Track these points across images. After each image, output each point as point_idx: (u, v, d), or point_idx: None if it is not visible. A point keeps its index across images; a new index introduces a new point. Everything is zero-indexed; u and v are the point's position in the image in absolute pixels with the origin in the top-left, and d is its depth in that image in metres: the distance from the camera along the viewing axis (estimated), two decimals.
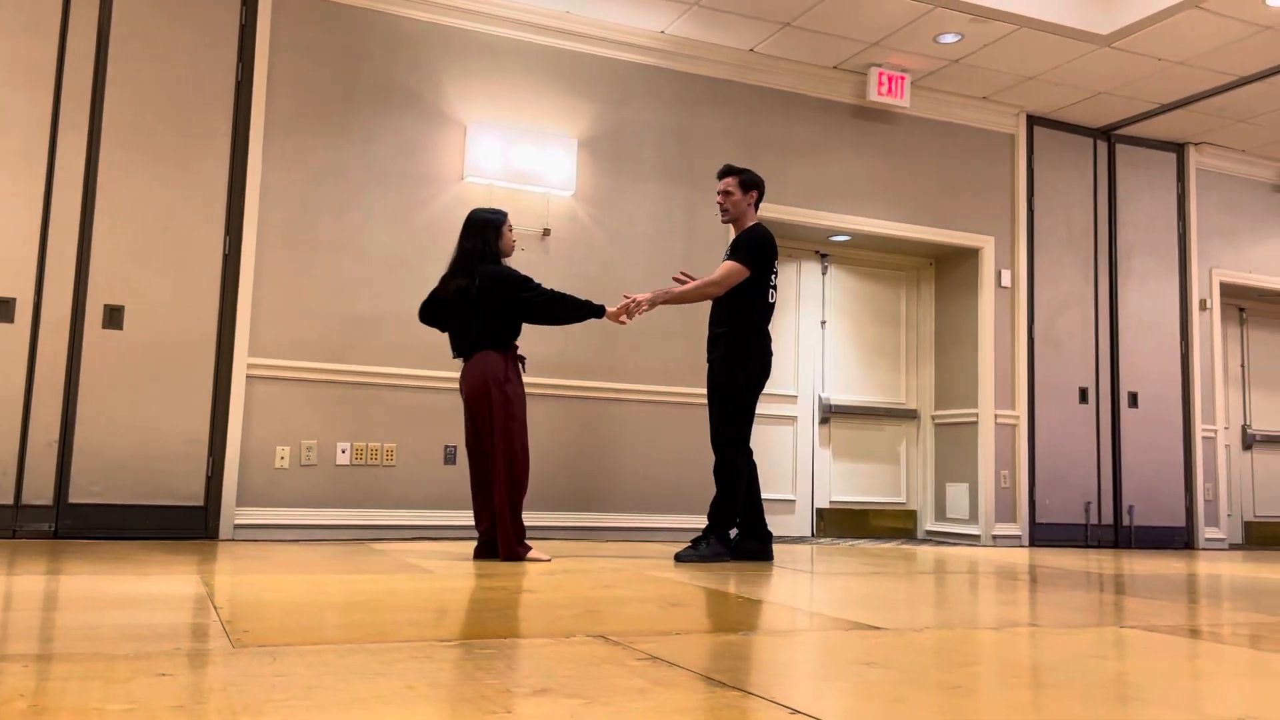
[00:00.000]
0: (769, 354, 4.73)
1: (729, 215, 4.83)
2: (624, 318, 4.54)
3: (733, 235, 4.96)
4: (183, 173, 5.15)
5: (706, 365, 4.82)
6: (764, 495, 4.98)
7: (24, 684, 1.67)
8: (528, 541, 4.36)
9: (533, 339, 5.74)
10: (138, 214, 5.05)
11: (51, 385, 4.85)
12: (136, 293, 5.02)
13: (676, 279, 4.77)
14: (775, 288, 4.76)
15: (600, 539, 5.70)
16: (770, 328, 4.79)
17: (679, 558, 4.52)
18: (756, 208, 4.87)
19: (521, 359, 4.47)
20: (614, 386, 5.91)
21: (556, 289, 4.49)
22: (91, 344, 4.92)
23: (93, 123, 5.01)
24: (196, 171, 5.18)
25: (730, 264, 4.67)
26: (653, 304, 4.60)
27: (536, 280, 4.44)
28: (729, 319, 4.70)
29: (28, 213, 4.88)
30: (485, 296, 4.30)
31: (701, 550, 4.55)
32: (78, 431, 4.86)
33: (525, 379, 4.53)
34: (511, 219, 5.74)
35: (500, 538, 4.28)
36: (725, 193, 4.80)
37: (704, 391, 4.83)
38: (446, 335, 5.58)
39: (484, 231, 4.39)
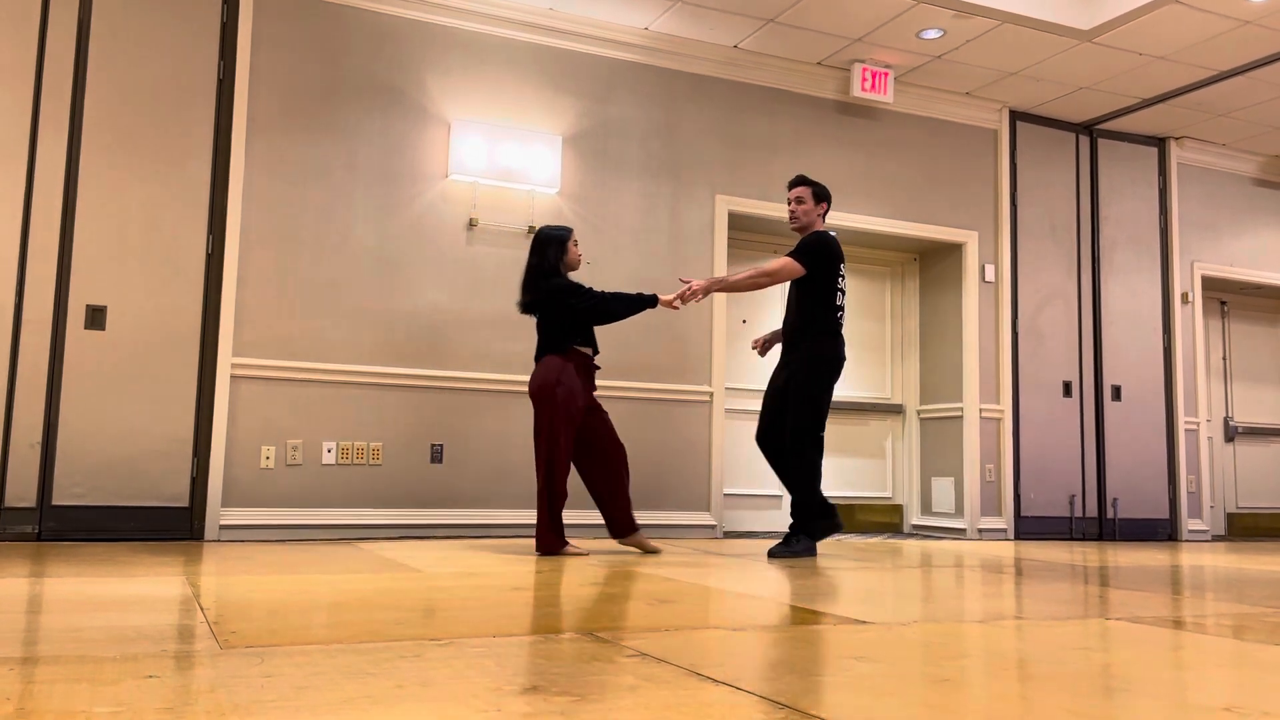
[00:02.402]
0: (843, 358, 4.89)
1: (799, 222, 4.97)
2: (677, 303, 4.75)
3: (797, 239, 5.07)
4: (165, 171, 5.12)
5: (779, 366, 4.98)
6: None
7: (10, 687, 1.66)
8: (568, 538, 4.66)
9: (529, 336, 5.74)
10: (119, 213, 5.02)
11: (33, 386, 4.81)
12: (119, 293, 4.99)
13: (683, 280, 4.85)
14: (844, 291, 4.91)
15: (589, 535, 5.69)
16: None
17: (772, 554, 4.70)
18: (824, 219, 5.02)
19: (594, 366, 4.75)
20: (603, 384, 5.90)
21: (609, 291, 4.78)
22: (74, 344, 4.89)
23: (73, 121, 4.97)
24: (178, 170, 5.15)
25: (784, 259, 4.82)
26: (706, 291, 4.76)
27: (589, 287, 4.69)
28: (804, 324, 4.85)
29: (8, 212, 4.84)
30: (543, 308, 4.66)
31: (794, 547, 4.72)
32: (60, 433, 4.83)
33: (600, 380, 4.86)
34: (495, 216, 5.77)
35: (537, 530, 4.58)
36: (798, 200, 4.95)
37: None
38: (432, 334, 5.61)
39: (546, 248, 4.72)
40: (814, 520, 4.77)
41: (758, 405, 6.99)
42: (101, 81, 5.04)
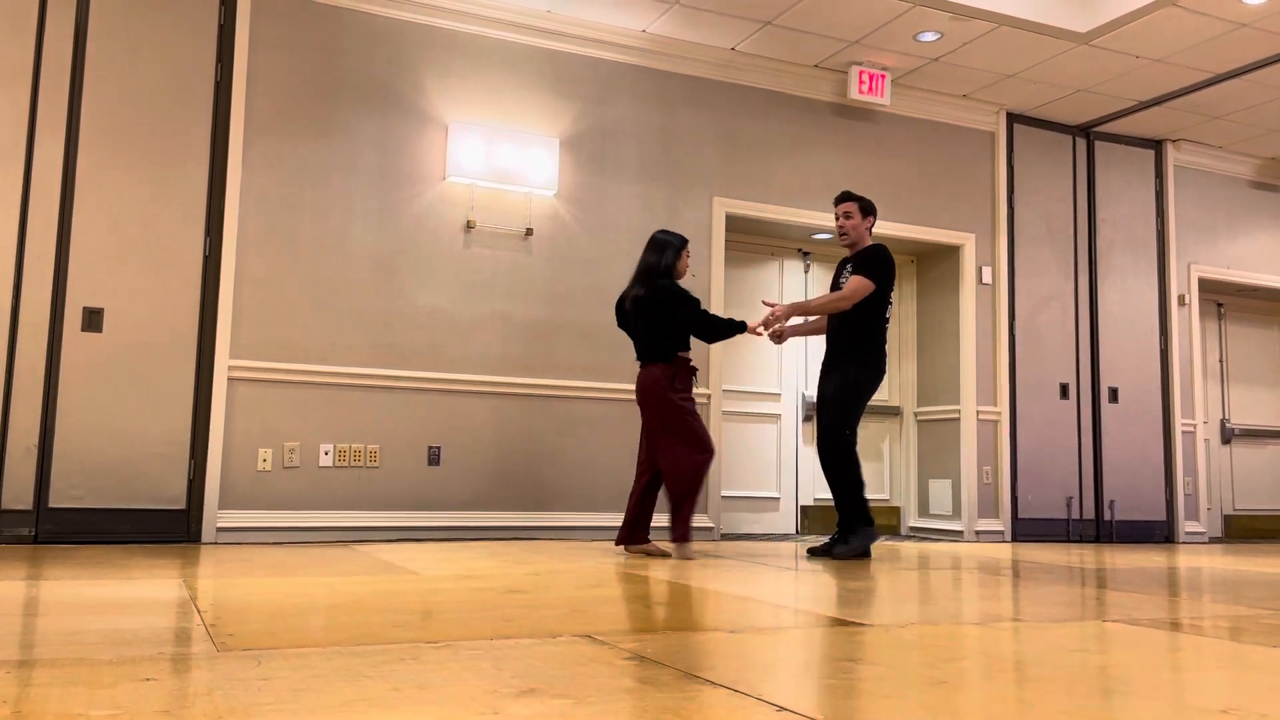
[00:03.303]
0: (883, 371, 4.96)
1: (849, 238, 5.03)
2: (760, 330, 4.88)
3: (849, 254, 5.10)
4: (162, 173, 5.12)
5: (820, 375, 5.04)
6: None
7: (6, 690, 1.66)
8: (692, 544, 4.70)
9: (527, 338, 5.73)
10: (117, 215, 5.01)
11: (30, 389, 4.80)
12: (116, 295, 4.98)
13: (767, 303, 4.97)
14: (892, 303, 5.00)
15: (587, 538, 5.69)
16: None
17: (835, 555, 4.79)
18: (871, 232, 5.08)
19: (694, 370, 4.80)
20: (605, 386, 5.91)
21: (711, 312, 4.94)
22: (71, 347, 4.88)
23: (70, 123, 4.97)
24: (176, 171, 5.14)
25: (857, 278, 4.86)
26: (788, 315, 4.88)
27: (697, 298, 4.76)
28: (854, 336, 4.89)
29: (4, 214, 4.84)
30: (653, 308, 4.68)
31: (853, 544, 4.81)
32: (57, 435, 4.82)
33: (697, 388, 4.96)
34: (493, 219, 5.76)
35: (671, 524, 4.63)
36: (846, 215, 5.01)
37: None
38: (430, 337, 5.60)
39: (664, 250, 4.76)
40: (862, 510, 4.86)
41: (755, 407, 7.04)
42: (99, 83, 5.04)
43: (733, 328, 4.78)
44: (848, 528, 4.86)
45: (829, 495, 7.00)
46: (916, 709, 1.67)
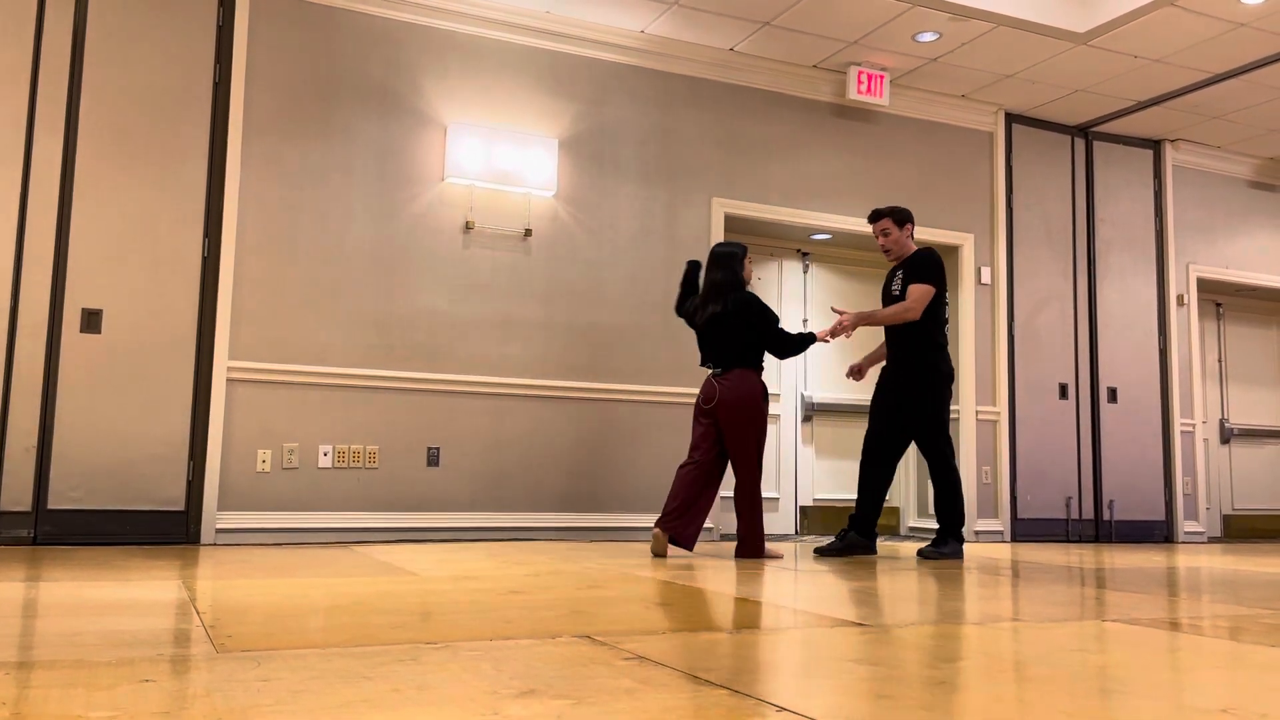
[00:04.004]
0: (952, 371, 5.05)
1: (894, 253, 5.13)
2: (829, 337, 5.00)
3: (892, 265, 5.21)
4: (161, 174, 5.12)
5: (878, 382, 5.13)
6: None
7: (5, 692, 1.65)
8: (767, 545, 4.88)
9: (526, 339, 5.73)
10: (115, 216, 5.01)
11: (29, 390, 4.80)
12: (115, 296, 4.98)
13: (836, 310, 5.07)
14: (948, 303, 5.09)
15: (587, 539, 5.69)
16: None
17: (921, 554, 4.99)
18: (912, 237, 5.17)
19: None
20: (606, 386, 5.91)
21: (790, 331, 4.95)
22: (69, 348, 4.88)
23: (69, 124, 4.97)
24: (174, 173, 5.14)
25: (918, 286, 4.93)
26: (856, 325, 4.96)
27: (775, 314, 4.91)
28: (915, 341, 4.97)
29: (3, 216, 4.83)
30: (739, 319, 4.77)
31: (944, 549, 4.95)
32: (56, 437, 4.82)
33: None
34: (492, 220, 5.76)
35: (742, 537, 4.79)
36: (884, 233, 5.12)
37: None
38: (429, 338, 5.59)
39: (731, 263, 4.87)
40: (960, 522, 5.00)
41: None
42: (97, 85, 5.03)
43: (806, 342, 4.92)
44: (949, 532, 5.01)
45: (830, 496, 7.05)
46: (916, 709, 1.67)
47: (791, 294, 7.13)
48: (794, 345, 4.89)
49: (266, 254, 5.27)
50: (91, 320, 4.93)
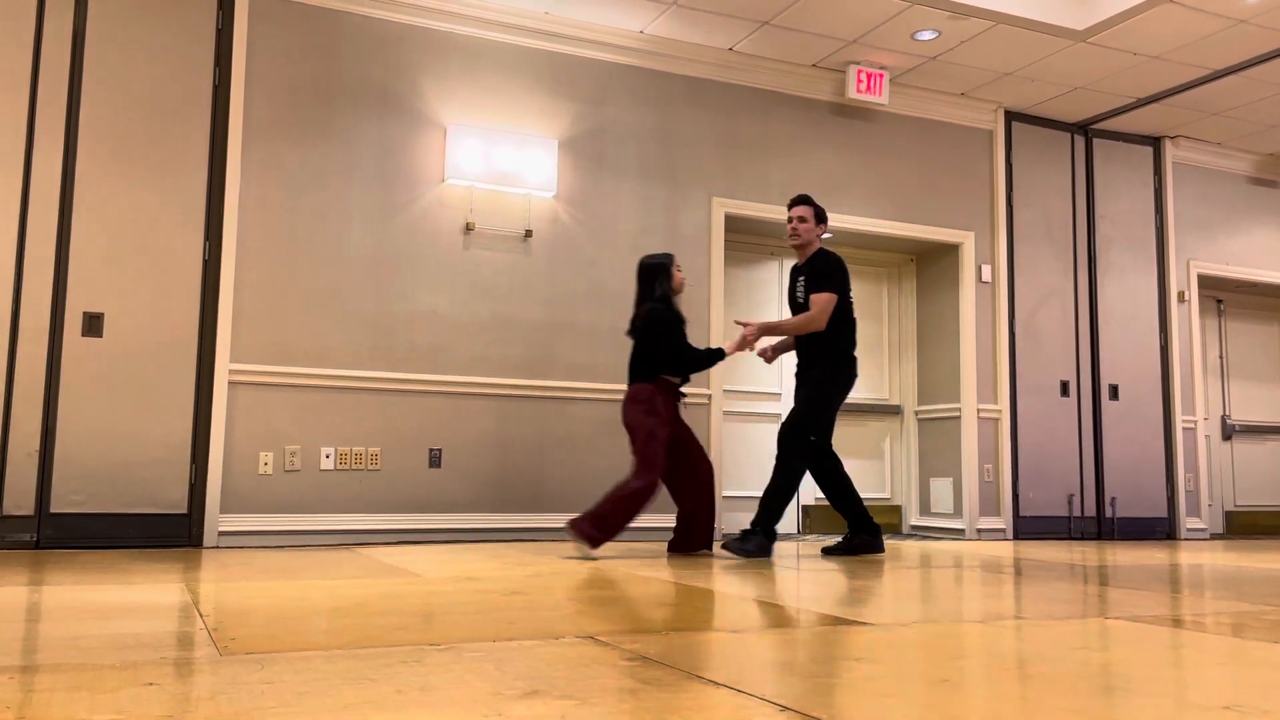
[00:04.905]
0: (854, 375, 5.02)
1: (800, 240, 5.07)
2: (737, 350, 4.98)
3: (798, 259, 5.15)
4: (161, 178, 5.12)
5: (795, 382, 5.07)
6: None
7: (10, 695, 1.66)
8: (604, 542, 4.66)
9: (527, 340, 5.73)
10: (116, 220, 5.02)
11: (31, 394, 4.81)
12: (116, 300, 4.98)
13: (739, 322, 5.05)
14: (852, 302, 5.04)
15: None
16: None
17: (724, 547, 4.79)
18: (820, 239, 5.14)
19: (681, 395, 4.91)
20: (607, 387, 5.91)
21: (694, 346, 4.90)
22: (71, 352, 4.88)
23: (69, 128, 4.97)
24: (175, 176, 5.15)
25: (821, 295, 4.90)
26: (759, 335, 4.96)
27: (683, 332, 4.87)
28: (817, 344, 4.93)
29: (4, 220, 4.84)
30: (645, 332, 4.81)
31: (746, 544, 4.74)
32: (58, 441, 4.82)
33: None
34: (492, 221, 5.77)
35: (591, 511, 4.64)
36: (801, 219, 5.05)
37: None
38: (430, 339, 5.60)
39: (654, 275, 4.88)
40: (775, 520, 4.82)
41: (756, 408, 7.04)
42: (97, 89, 5.04)
43: (713, 357, 4.90)
44: (759, 527, 4.77)
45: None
46: (919, 708, 1.67)
47: None
48: (695, 361, 4.85)
49: (267, 256, 5.27)
50: (93, 324, 4.93)
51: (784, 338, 5.23)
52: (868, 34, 6.12)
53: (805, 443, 4.86)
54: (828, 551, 5.07)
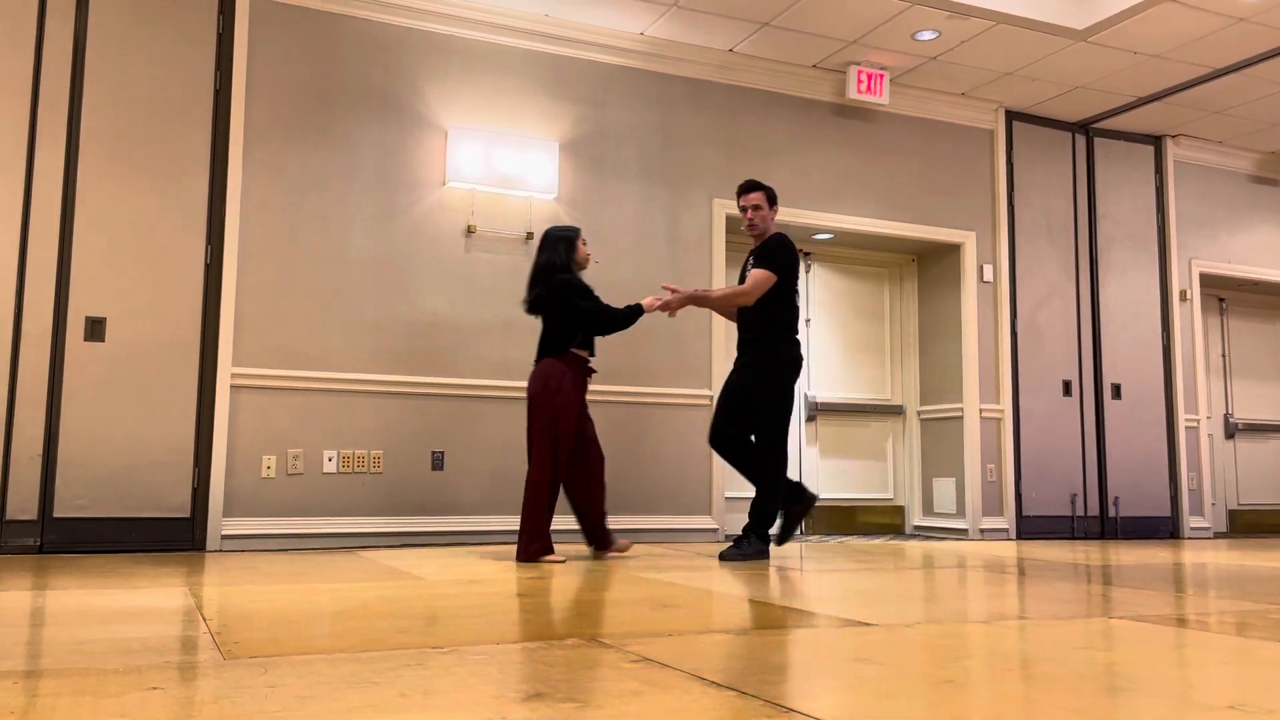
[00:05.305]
0: (800, 359, 4.87)
1: (757, 229, 4.96)
2: (657, 306, 4.77)
3: (754, 244, 5.04)
4: (162, 182, 5.13)
5: (732, 367, 4.93)
6: (752, 494, 4.99)
7: (14, 701, 1.66)
8: (554, 545, 4.55)
9: (529, 342, 5.73)
10: (118, 224, 5.02)
11: (34, 399, 4.81)
12: (118, 304, 4.99)
13: (666, 287, 4.86)
14: (798, 292, 4.92)
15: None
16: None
17: (723, 557, 4.66)
18: (774, 220, 5.02)
19: (590, 370, 4.72)
20: (607, 389, 5.90)
21: (612, 306, 4.72)
22: (73, 357, 4.89)
23: (71, 133, 4.98)
24: (176, 180, 5.15)
25: (759, 271, 4.79)
26: (684, 302, 4.79)
27: (596, 295, 4.68)
28: (758, 326, 4.82)
29: (6, 226, 4.85)
30: (550, 304, 4.60)
31: (744, 549, 4.68)
32: (61, 445, 4.83)
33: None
34: (493, 224, 5.77)
35: (520, 536, 4.50)
36: (755, 207, 4.94)
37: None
38: (432, 342, 5.60)
39: (556, 246, 4.68)
40: (768, 523, 4.75)
41: None
42: (98, 94, 5.04)
43: (633, 314, 4.70)
44: (754, 533, 4.72)
45: (834, 495, 7.04)
46: (923, 708, 1.67)
47: None
48: (618, 319, 4.67)
49: (269, 260, 5.28)
50: (95, 328, 4.94)
51: (690, 295, 4.94)
52: (868, 34, 6.12)
53: (780, 452, 4.75)
54: (724, 557, 4.71)
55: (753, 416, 4.77)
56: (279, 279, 5.29)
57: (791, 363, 4.80)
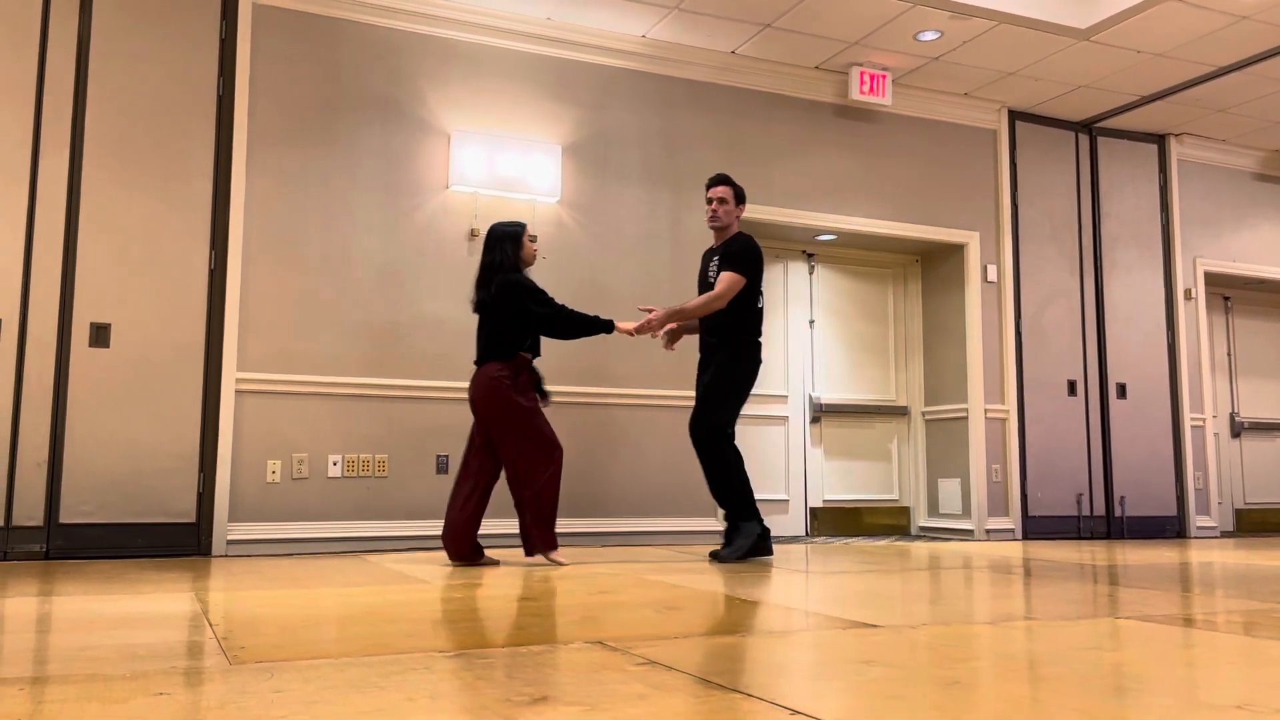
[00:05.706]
0: (759, 362, 4.84)
1: (720, 222, 4.92)
2: (634, 332, 4.70)
3: (714, 241, 5.02)
4: (166, 187, 5.13)
5: (697, 372, 4.90)
6: (757, 496, 4.98)
7: (20, 708, 1.66)
8: (559, 546, 4.52)
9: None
10: (122, 230, 5.03)
11: (39, 405, 4.82)
12: (122, 310, 5.00)
13: (643, 309, 4.84)
14: (762, 293, 4.88)
15: (596, 544, 5.69)
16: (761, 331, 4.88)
17: (717, 557, 4.64)
18: (739, 218, 5.00)
19: (535, 373, 4.62)
20: (608, 391, 5.91)
21: (567, 305, 4.60)
22: (79, 362, 4.90)
23: (74, 139, 4.99)
24: (180, 186, 5.16)
25: (728, 275, 4.75)
26: (664, 322, 4.73)
27: (549, 294, 4.57)
28: (722, 329, 4.78)
29: (11, 231, 4.86)
30: (497, 306, 4.46)
31: (739, 544, 4.64)
32: (67, 451, 4.84)
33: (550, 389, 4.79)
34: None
35: (524, 534, 4.44)
36: (721, 200, 4.91)
37: (690, 393, 4.89)
38: (435, 345, 5.60)
39: (502, 244, 4.54)
40: (746, 507, 4.68)
41: (762, 410, 7.03)
42: (102, 99, 5.06)
43: (596, 326, 4.57)
44: (734, 527, 4.70)
45: (839, 497, 7.04)
46: (930, 710, 1.67)
47: (797, 295, 7.13)
48: (580, 323, 4.53)
49: (272, 265, 5.29)
50: (100, 334, 4.95)
51: (685, 322, 4.97)
52: (870, 35, 6.12)
53: (724, 435, 4.69)
54: (718, 558, 4.70)
55: (704, 396, 4.72)
56: (283, 283, 5.29)
57: (753, 367, 4.78)
